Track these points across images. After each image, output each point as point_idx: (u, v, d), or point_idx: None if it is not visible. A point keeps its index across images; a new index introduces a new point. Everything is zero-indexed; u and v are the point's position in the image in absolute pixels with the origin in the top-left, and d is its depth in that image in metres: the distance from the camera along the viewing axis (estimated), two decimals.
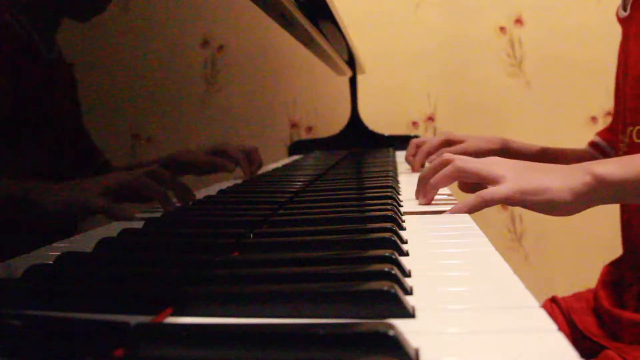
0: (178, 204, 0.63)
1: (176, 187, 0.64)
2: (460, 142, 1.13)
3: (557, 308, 1.00)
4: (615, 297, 0.92)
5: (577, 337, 0.94)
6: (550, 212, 0.62)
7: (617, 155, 1.04)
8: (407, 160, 1.17)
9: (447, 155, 0.68)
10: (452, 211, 0.62)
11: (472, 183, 0.73)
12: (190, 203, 0.66)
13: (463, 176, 0.65)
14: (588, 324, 0.94)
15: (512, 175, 0.60)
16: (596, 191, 0.61)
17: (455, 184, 0.74)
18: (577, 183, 0.60)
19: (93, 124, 0.54)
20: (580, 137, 1.75)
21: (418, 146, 1.16)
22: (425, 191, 0.68)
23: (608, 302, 0.92)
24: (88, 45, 0.53)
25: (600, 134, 1.12)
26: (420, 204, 0.69)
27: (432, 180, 0.67)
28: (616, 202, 0.67)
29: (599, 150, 1.11)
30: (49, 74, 0.47)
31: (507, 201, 0.60)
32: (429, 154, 1.15)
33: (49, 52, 0.47)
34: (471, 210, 0.60)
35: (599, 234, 1.84)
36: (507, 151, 1.13)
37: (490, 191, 0.60)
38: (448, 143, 1.14)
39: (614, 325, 0.89)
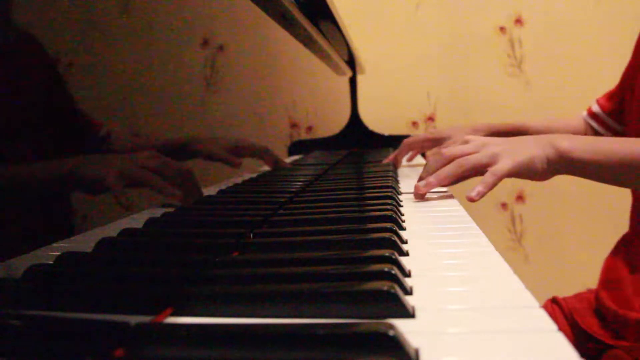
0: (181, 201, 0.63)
1: (185, 184, 0.64)
2: (446, 137, 1.15)
3: (558, 309, 1.00)
4: (618, 296, 0.92)
5: (580, 339, 0.93)
6: (530, 178, 0.70)
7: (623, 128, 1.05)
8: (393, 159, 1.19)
9: (447, 151, 0.73)
10: (479, 194, 0.65)
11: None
12: (192, 202, 0.66)
13: (467, 174, 0.70)
14: (591, 324, 0.94)
15: (505, 154, 0.68)
16: (558, 163, 0.69)
17: None
18: (545, 153, 0.68)
19: (92, 124, 0.54)
20: None
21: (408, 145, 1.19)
22: (421, 188, 0.71)
23: (612, 302, 0.92)
24: (88, 45, 0.53)
25: (600, 102, 1.11)
26: (416, 199, 0.72)
27: (434, 178, 0.70)
28: (581, 177, 0.72)
29: (598, 121, 1.11)
30: (49, 74, 0.47)
31: (512, 171, 0.67)
32: (411, 149, 1.17)
33: (48, 52, 0.47)
34: (491, 188, 0.66)
35: (599, 234, 1.84)
36: (495, 133, 1.15)
37: (498, 169, 0.67)
38: (434, 141, 1.16)
39: (619, 325, 0.89)
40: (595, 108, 1.12)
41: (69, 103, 0.50)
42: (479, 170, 0.69)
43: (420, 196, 0.71)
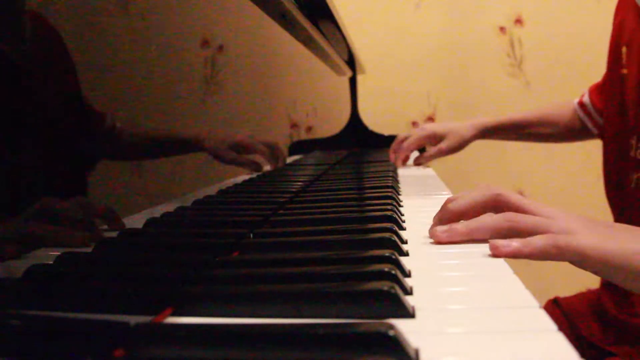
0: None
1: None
2: (442, 135, 1.14)
3: (558, 311, 1.00)
4: (620, 300, 0.92)
5: (581, 338, 0.93)
6: (629, 285, 0.45)
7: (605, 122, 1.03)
8: (390, 155, 1.18)
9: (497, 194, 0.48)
10: (504, 251, 0.42)
11: None
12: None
13: (514, 230, 0.45)
14: (592, 329, 0.94)
15: (586, 230, 0.45)
16: None
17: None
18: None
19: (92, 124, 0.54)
20: (583, 144, 1.74)
21: (402, 141, 1.17)
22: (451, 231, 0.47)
23: (614, 307, 0.92)
24: (88, 45, 0.53)
25: (592, 94, 1.11)
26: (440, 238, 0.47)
27: (465, 228, 0.46)
28: None
29: (586, 112, 1.10)
30: (48, 74, 0.47)
31: (585, 256, 0.44)
32: (410, 149, 1.17)
33: (47, 52, 0.47)
34: (539, 256, 0.44)
35: None
36: (489, 132, 1.15)
37: (566, 238, 0.43)
38: (431, 137, 1.15)
39: (621, 331, 0.89)
40: (586, 99, 1.11)
41: (69, 103, 0.50)
42: (529, 233, 0.44)
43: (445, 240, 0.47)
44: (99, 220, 0.51)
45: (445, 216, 0.49)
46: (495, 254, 0.42)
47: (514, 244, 0.42)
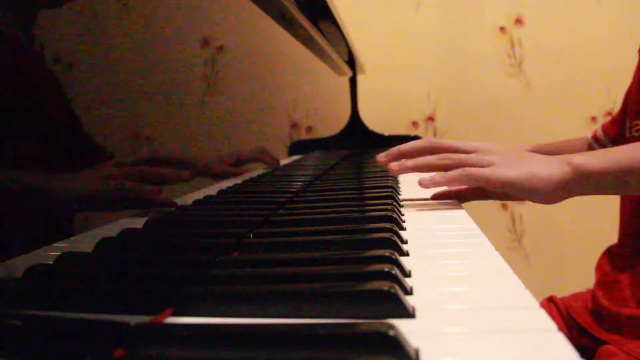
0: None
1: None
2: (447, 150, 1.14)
3: (554, 306, 1.01)
4: (613, 296, 0.93)
5: (575, 334, 0.95)
6: (531, 199, 0.63)
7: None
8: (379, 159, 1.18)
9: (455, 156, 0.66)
10: (434, 181, 0.63)
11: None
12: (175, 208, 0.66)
13: (472, 183, 0.63)
14: (586, 320, 0.95)
15: (501, 162, 0.62)
16: (574, 181, 0.62)
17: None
18: (557, 172, 0.61)
19: (93, 124, 0.54)
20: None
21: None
22: (405, 166, 0.68)
23: (607, 301, 0.93)
24: (88, 45, 0.53)
25: (605, 127, 1.13)
26: (392, 168, 0.70)
27: (412, 163, 0.67)
28: (595, 194, 0.66)
29: (599, 145, 1.12)
30: (48, 73, 0.47)
31: (504, 183, 0.61)
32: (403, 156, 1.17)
33: (47, 52, 0.47)
34: (451, 181, 0.63)
35: (600, 234, 1.84)
36: None
37: (479, 171, 0.61)
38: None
39: (613, 322, 0.90)
40: (599, 133, 1.14)
41: (69, 104, 0.50)
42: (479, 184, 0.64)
43: (396, 172, 0.70)
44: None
45: (393, 153, 0.72)
46: (423, 186, 0.65)
47: (436, 177, 0.63)
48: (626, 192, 0.70)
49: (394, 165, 0.68)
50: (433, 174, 0.66)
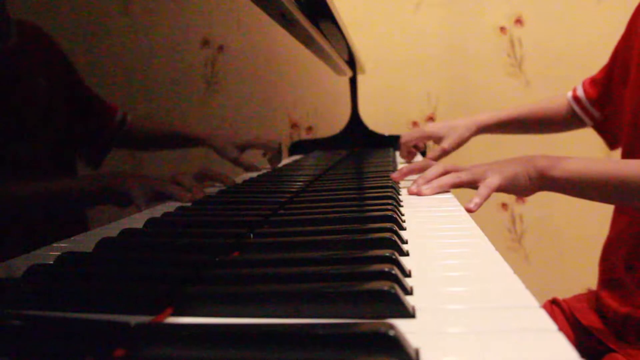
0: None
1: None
2: (441, 135, 1.20)
3: (557, 309, 1.00)
4: (618, 294, 0.92)
5: (581, 337, 0.93)
6: (516, 193, 0.80)
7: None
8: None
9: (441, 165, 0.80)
10: (477, 205, 0.72)
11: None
12: (190, 203, 0.66)
13: (463, 184, 0.78)
14: (592, 321, 0.94)
15: (493, 171, 0.77)
16: (539, 180, 0.77)
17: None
18: (526, 170, 0.77)
19: (93, 124, 0.54)
20: (580, 137, 1.75)
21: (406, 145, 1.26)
22: (423, 187, 0.77)
23: (612, 301, 0.92)
24: (88, 45, 0.53)
25: (585, 86, 1.13)
26: (417, 190, 0.77)
27: (438, 185, 0.77)
28: (561, 193, 0.79)
29: (580, 106, 1.13)
30: (49, 74, 0.47)
31: (501, 185, 0.76)
32: (409, 144, 1.26)
33: (47, 52, 0.47)
34: (486, 199, 0.74)
35: (599, 234, 1.84)
36: (488, 129, 1.18)
37: (489, 183, 0.75)
38: (431, 136, 1.21)
39: (619, 324, 0.89)
40: (580, 92, 1.13)
41: (69, 104, 0.50)
42: (472, 184, 0.77)
43: (414, 193, 0.77)
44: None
45: (420, 181, 0.79)
46: (417, 193, 0.77)
47: (477, 200, 0.73)
48: (587, 199, 0.81)
49: (425, 189, 0.77)
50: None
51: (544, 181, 0.77)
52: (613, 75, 1.05)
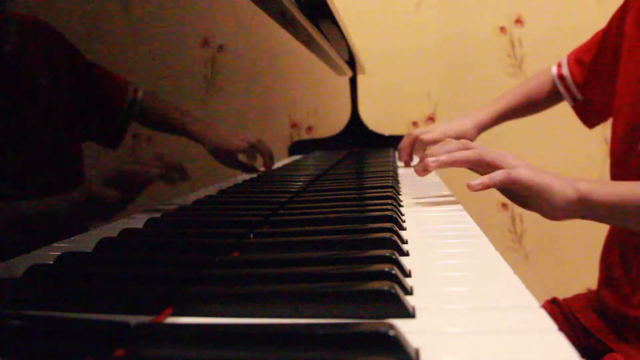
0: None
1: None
2: (434, 142, 1.12)
3: (557, 309, 1.00)
4: (619, 295, 0.92)
5: (580, 336, 0.93)
6: (539, 209, 0.64)
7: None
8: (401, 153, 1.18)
9: (465, 141, 0.69)
10: (482, 185, 0.61)
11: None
12: (191, 202, 0.66)
13: (481, 163, 0.65)
14: (592, 321, 0.94)
15: (526, 166, 0.63)
16: (576, 205, 0.63)
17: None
18: (566, 192, 0.62)
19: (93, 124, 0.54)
20: (580, 137, 1.75)
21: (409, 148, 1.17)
22: (426, 164, 0.67)
23: (612, 300, 0.92)
24: (88, 45, 0.53)
25: (571, 66, 1.11)
26: (417, 171, 0.68)
27: (447, 157, 0.66)
28: (596, 221, 0.68)
29: (565, 86, 1.12)
30: (48, 73, 0.47)
31: (526, 183, 0.61)
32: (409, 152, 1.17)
33: (47, 52, 0.47)
34: (497, 184, 0.62)
35: (599, 234, 1.84)
36: (483, 128, 1.16)
37: (512, 171, 0.62)
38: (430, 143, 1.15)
39: (619, 323, 0.89)
40: (565, 71, 1.12)
41: (69, 104, 0.50)
42: (495, 168, 0.64)
43: (423, 172, 0.68)
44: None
45: (433, 152, 0.68)
46: (425, 168, 0.66)
47: (484, 180, 0.61)
48: (623, 227, 0.72)
49: (432, 162, 0.66)
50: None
51: (582, 205, 0.63)
52: (602, 58, 1.04)
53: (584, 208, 0.63)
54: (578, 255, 1.96)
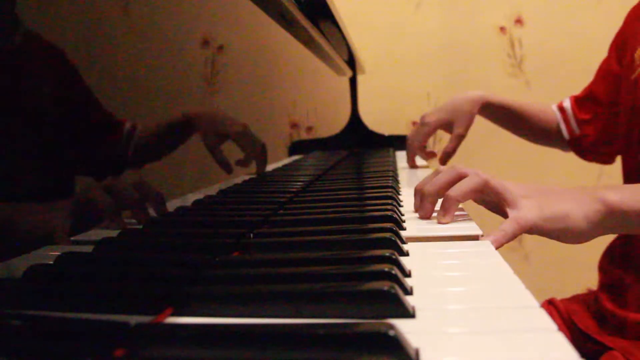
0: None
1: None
2: (449, 121, 1.12)
3: (554, 310, 1.00)
4: (617, 298, 0.92)
5: (578, 339, 0.93)
6: (563, 239, 0.58)
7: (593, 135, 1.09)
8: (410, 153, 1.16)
9: (461, 168, 0.59)
10: (496, 243, 0.51)
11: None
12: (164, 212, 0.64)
13: (487, 191, 0.57)
14: (589, 325, 0.94)
15: (531, 202, 0.57)
16: (606, 219, 0.57)
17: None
18: (590, 210, 0.56)
19: (92, 124, 0.54)
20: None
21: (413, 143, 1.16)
22: (444, 207, 0.56)
23: (611, 304, 0.92)
24: (88, 45, 0.53)
25: (573, 100, 1.14)
26: (440, 222, 0.56)
27: (454, 193, 0.56)
28: (625, 232, 0.62)
29: (564, 117, 1.13)
30: (48, 73, 0.47)
31: (542, 228, 0.56)
32: (419, 148, 1.16)
33: (47, 53, 0.47)
34: (511, 239, 0.54)
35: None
36: (489, 109, 1.15)
37: (520, 217, 0.55)
38: (439, 128, 1.14)
39: (618, 326, 0.89)
40: (567, 105, 1.14)
41: (69, 104, 0.50)
42: (498, 199, 0.57)
43: (444, 219, 0.56)
44: (149, 204, 0.58)
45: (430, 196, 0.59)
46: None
47: (498, 237, 0.53)
48: None
49: (443, 219, 0.56)
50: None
51: (613, 216, 0.57)
52: (599, 89, 1.07)
53: (617, 220, 0.57)
54: (578, 256, 1.96)
